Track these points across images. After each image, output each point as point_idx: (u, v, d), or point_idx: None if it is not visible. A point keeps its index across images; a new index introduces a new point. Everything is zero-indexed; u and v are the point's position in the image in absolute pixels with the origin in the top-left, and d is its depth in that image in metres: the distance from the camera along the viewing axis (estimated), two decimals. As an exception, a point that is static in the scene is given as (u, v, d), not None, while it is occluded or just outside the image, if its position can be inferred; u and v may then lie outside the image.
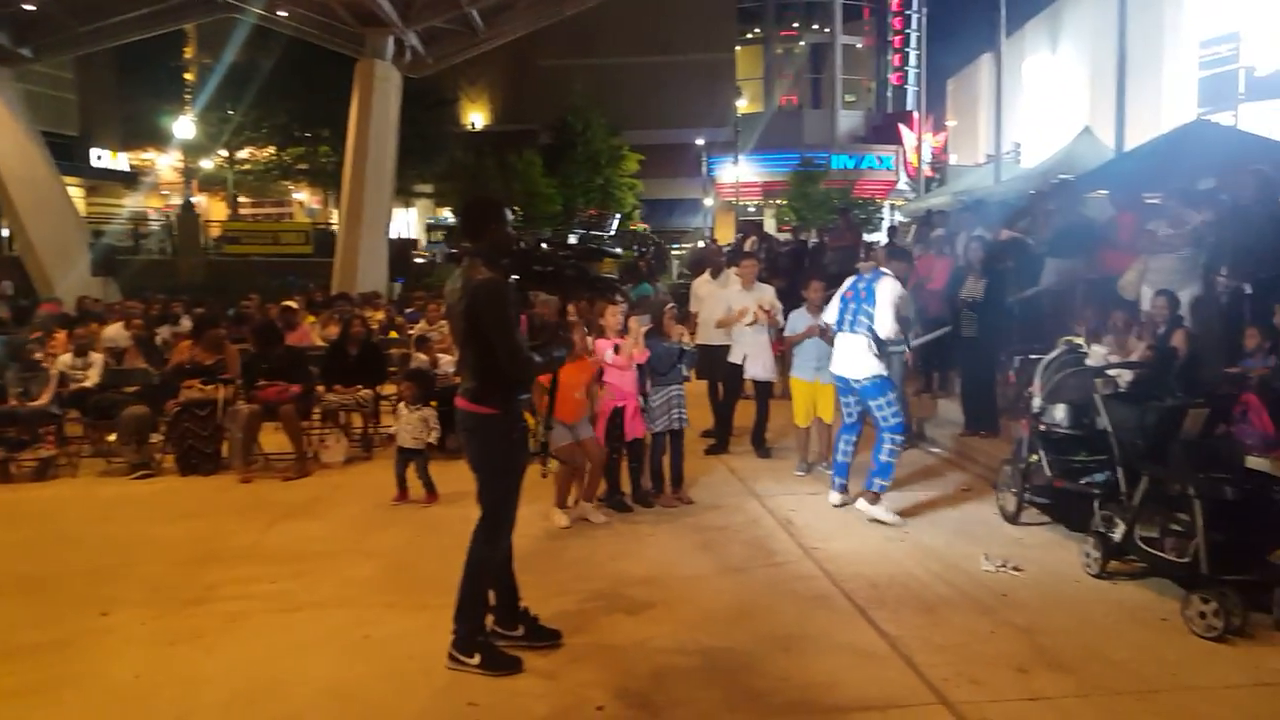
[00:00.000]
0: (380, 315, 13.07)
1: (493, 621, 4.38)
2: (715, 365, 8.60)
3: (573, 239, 6.15)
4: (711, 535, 6.11)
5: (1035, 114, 31.33)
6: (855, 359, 6.33)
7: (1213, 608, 4.36)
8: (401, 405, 7.11)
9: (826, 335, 7.36)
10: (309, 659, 4.30)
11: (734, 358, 8.34)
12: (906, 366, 9.48)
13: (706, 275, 9.12)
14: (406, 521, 6.59)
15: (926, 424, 9.11)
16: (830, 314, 6.77)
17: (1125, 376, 6.10)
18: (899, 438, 6.35)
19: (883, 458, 6.30)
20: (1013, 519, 6.29)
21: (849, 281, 6.71)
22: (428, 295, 14.54)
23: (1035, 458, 6.15)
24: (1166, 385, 5.79)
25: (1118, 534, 5.14)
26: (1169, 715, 3.68)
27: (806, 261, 14.12)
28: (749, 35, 39.45)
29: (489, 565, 4.26)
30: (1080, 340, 6.50)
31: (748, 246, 15.21)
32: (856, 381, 6.36)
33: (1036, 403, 6.15)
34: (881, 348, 6.30)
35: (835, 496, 6.76)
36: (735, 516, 6.52)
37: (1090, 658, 4.20)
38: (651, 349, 6.73)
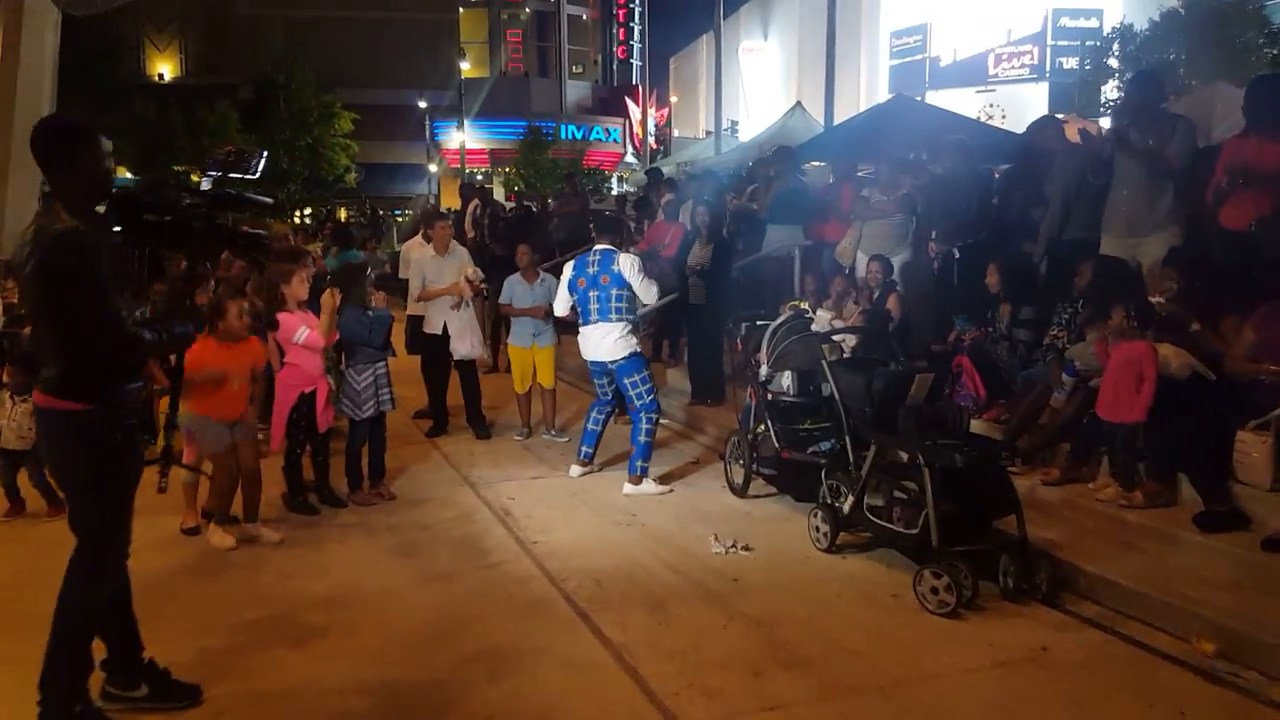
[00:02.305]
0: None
1: (104, 681, 3.30)
2: (427, 338, 7.66)
3: (205, 183, 4.88)
4: (414, 536, 5.21)
5: (750, 93, 32.80)
6: (611, 343, 6.09)
7: (944, 583, 4.13)
8: (5, 396, 5.55)
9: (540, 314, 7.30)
10: None
11: (432, 328, 7.45)
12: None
13: (419, 239, 8.07)
14: (15, 541, 5.13)
15: (657, 394, 8.69)
16: (562, 306, 6.44)
17: (849, 342, 5.92)
18: (654, 415, 6.15)
19: (641, 439, 6.06)
20: (741, 492, 5.95)
21: (572, 270, 6.27)
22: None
23: (762, 428, 5.84)
24: (889, 349, 5.64)
25: (846, 505, 4.87)
26: (916, 713, 3.33)
27: (532, 228, 13.42)
28: (473, -1, 37.94)
29: (92, 608, 3.17)
30: (806, 305, 6.26)
31: (470, 211, 14.27)
32: (613, 363, 6.13)
33: (763, 371, 5.83)
34: (639, 323, 6.18)
35: (576, 469, 6.40)
36: (445, 511, 5.66)
37: (827, 649, 3.81)
38: (354, 320, 5.67)
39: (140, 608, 3.44)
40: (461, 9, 36.54)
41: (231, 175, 3.22)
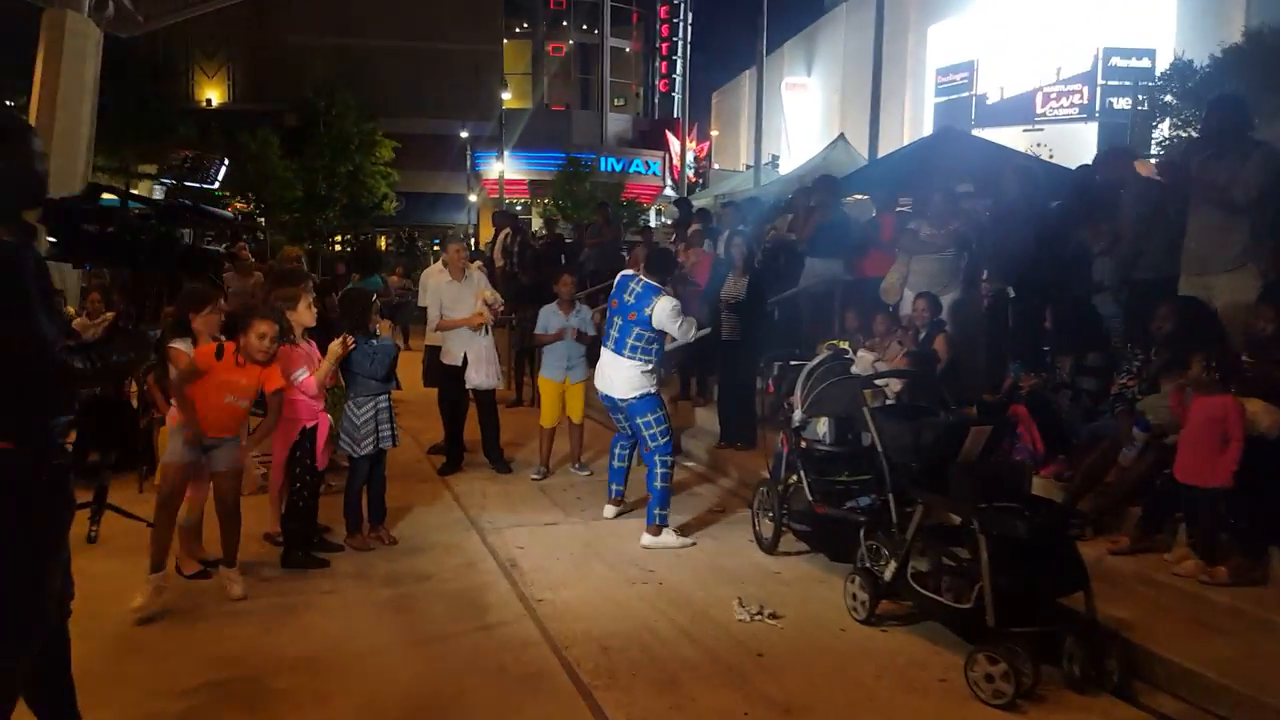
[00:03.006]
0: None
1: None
2: (445, 369, 7.27)
3: (157, 192, 4.61)
4: (410, 589, 4.75)
5: (792, 128, 32.50)
6: (623, 380, 5.73)
7: (1001, 669, 3.58)
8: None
9: (582, 338, 7.11)
10: None
11: (450, 359, 7.05)
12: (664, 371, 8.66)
13: (439, 265, 7.70)
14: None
15: (683, 435, 8.22)
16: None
17: (893, 386, 5.40)
18: (669, 458, 5.71)
19: (657, 484, 5.61)
20: (769, 548, 5.43)
21: (615, 286, 5.95)
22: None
23: (794, 478, 5.33)
24: (939, 395, 5.12)
25: (887, 572, 4.33)
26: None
27: (563, 257, 13.10)
28: (517, 30, 38.18)
29: (7, 679, 2.73)
30: (846, 345, 5.76)
31: (501, 239, 13.98)
32: (623, 400, 5.76)
33: (797, 415, 5.32)
34: (658, 366, 5.82)
35: (610, 509, 6.09)
36: (447, 559, 5.19)
37: (865, 746, 3.28)
38: (356, 350, 5.22)
39: (96, 664, 3.07)
40: (505, 40, 36.80)
41: (187, 184, 2.83)
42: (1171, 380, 4.75)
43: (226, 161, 2.98)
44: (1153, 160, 12.44)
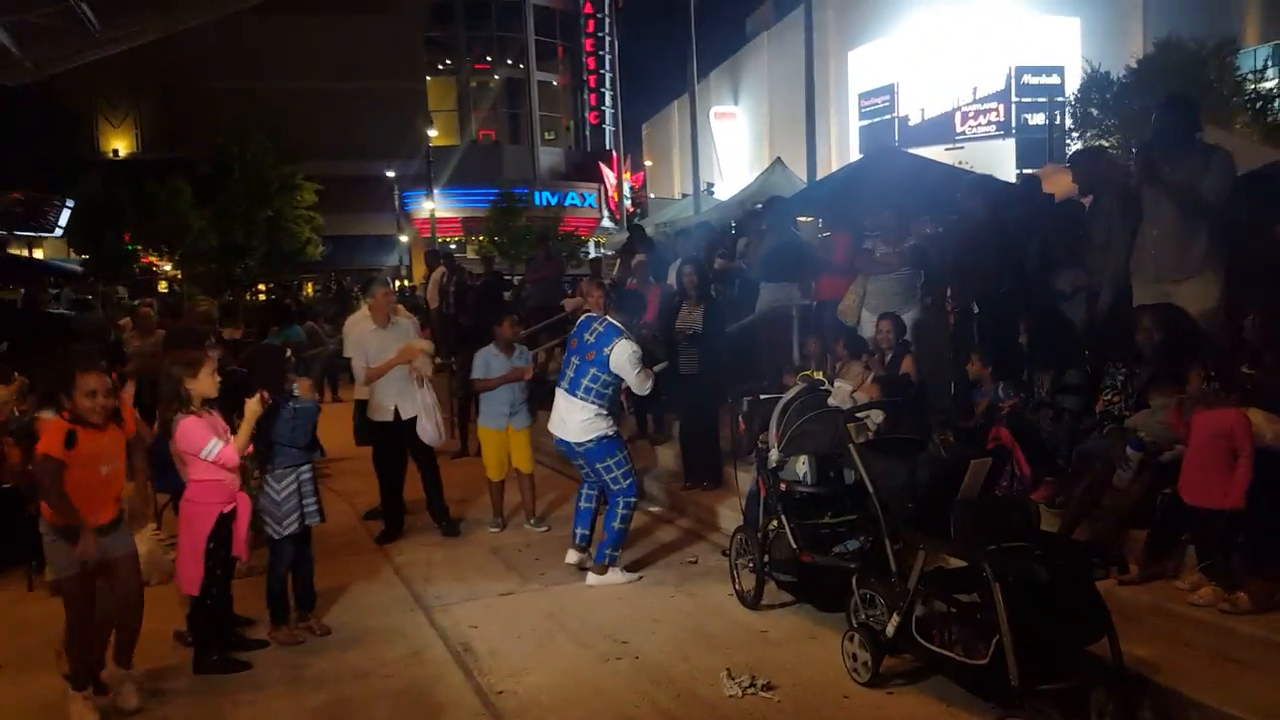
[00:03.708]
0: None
1: None
2: (377, 426, 6.66)
3: None
4: (345, 690, 4.13)
5: (723, 155, 32.68)
6: (577, 423, 5.50)
7: (1035, 738, 3.17)
8: None
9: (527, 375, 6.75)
10: None
11: (381, 414, 6.44)
12: (623, 410, 8.18)
13: (363, 312, 7.08)
14: None
15: (645, 476, 7.72)
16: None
17: (874, 418, 5.00)
18: (632, 499, 5.57)
19: (616, 524, 5.48)
20: (753, 603, 4.96)
21: (577, 325, 5.75)
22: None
23: (775, 523, 4.89)
24: (919, 423, 4.74)
25: (890, 626, 3.90)
26: None
27: (505, 295, 12.58)
28: (440, 66, 37.66)
29: None
30: (821, 375, 5.36)
31: (435, 278, 13.39)
32: (580, 445, 5.51)
33: (774, 455, 4.88)
34: (612, 406, 5.62)
35: (573, 555, 5.66)
36: (389, 650, 4.57)
37: None
38: (272, 415, 4.62)
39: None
40: (429, 77, 36.27)
41: (18, 232, 2.27)
42: (1164, 395, 4.45)
43: (70, 203, 2.52)
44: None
